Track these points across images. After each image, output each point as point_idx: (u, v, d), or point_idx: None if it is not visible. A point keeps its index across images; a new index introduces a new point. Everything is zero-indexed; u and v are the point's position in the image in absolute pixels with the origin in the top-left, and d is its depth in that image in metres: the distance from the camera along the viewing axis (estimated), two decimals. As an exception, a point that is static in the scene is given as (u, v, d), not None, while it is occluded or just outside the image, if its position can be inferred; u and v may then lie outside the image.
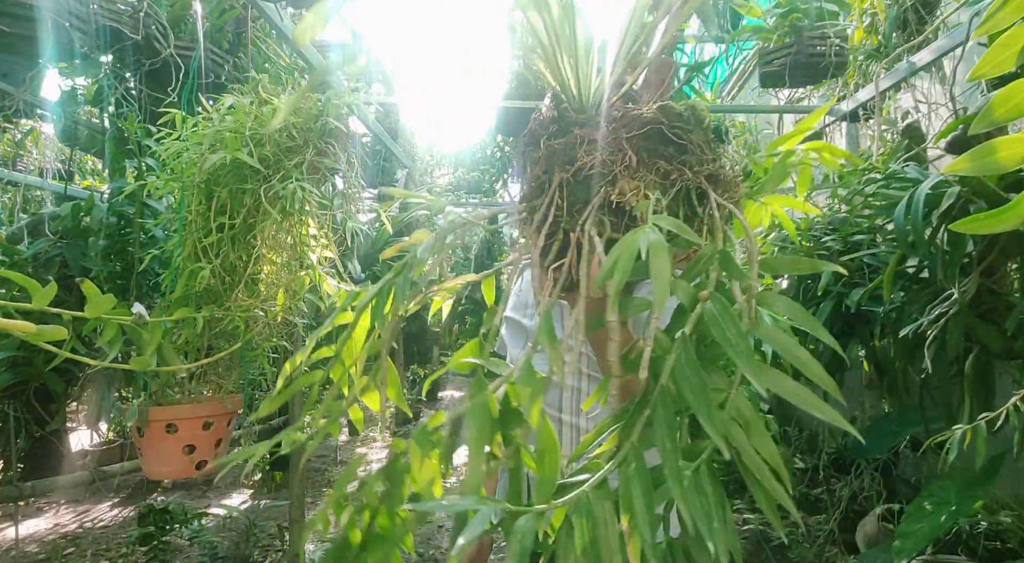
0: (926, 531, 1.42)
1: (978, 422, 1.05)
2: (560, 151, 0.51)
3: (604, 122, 0.51)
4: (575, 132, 0.51)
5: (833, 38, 2.45)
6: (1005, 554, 1.86)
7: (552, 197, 0.50)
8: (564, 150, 0.51)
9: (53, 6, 1.42)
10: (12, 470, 1.89)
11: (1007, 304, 1.19)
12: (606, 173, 0.49)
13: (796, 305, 0.41)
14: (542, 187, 0.52)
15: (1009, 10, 0.44)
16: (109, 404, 1.71)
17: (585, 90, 0.53)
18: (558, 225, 0.50)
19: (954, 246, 1.16)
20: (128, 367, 1.09)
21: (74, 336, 0.97)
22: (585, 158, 0.49)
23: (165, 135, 1.31)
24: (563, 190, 0.50)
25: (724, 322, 0.39)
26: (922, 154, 1.95)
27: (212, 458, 1.41)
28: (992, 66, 0.45)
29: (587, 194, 0.49)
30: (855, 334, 1.91)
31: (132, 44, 1.67)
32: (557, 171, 0.50)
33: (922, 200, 1.17)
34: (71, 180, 2.88)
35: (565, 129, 0.52)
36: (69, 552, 2.82)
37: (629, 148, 0.49)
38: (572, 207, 0.50)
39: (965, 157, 0.44)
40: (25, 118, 2.60)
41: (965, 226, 0.45)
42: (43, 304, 0.89)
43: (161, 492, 3.57)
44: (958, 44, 1.87)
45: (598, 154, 0.49)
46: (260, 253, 1.27)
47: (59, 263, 1.65)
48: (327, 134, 1.27)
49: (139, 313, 1.08)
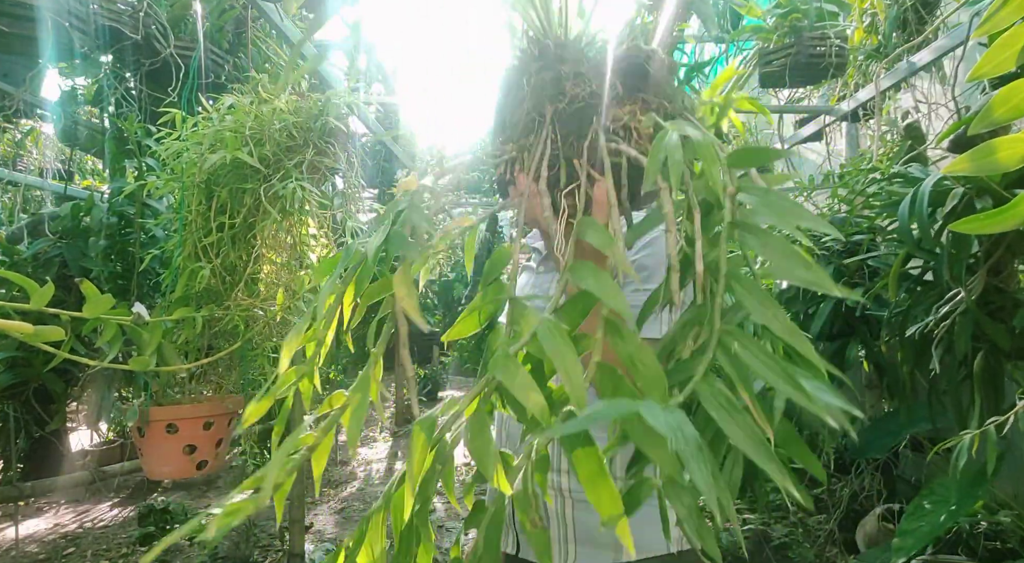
0: (926, 530, 1.42)
1: (987, 426, 1.04)
2: (549, 84, 0.52)
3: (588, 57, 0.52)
4: (560, 67, 0.52)
5: (833, 38, 2.45)
6: (1005, 554, 1.86)
7: (548, 130, 0.51)
8: (552, 83, 0.52)
9: (53, 6, 1.42)
10: (12, 470, 1.89)
11: (1015, 302, 1.19)
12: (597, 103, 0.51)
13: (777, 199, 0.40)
14: (531, 124, 0.52)
15: (1009, 10, 0.44)
16: (109, 404, 1.71)
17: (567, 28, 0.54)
18: (557, 157, 0.52)
19: (959, 244, 1.16)
20: (128, 367, 1.09)
21: (73, 336, 0.97)
22: (575, 90, 0.51)
23: (165, 135, 1.31)
24: (555, 123, 0.51)
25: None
26: (924, 154, 1.95)
27: (213, 458, 1.41)
28: (992, 66, 0.45)
29: (579, 125, 0.51)
30: (855, 334, 1.91)
31: (132, 44, 1.67)
32: (548, 105, 0.51)
33: (926, 197, 1.17)
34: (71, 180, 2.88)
35: (549, 65, 0.53)
36: (69, 552, 2.81)
37: (616, 79, 0.51)
38: (567, 138, 0.51)
39: (965, 157, 0.44)
40: (25, 118, 2.60)
41: (966, 226, 0.45)
42: (41, 304, 0.89)
43: (161, 492, 3.57)
44: (958, 44, 1.87)
45: (587, 86, 0.51)
46: (260, 253, 1.27)
47: (59, 263, 1.65)
48: (327, 134, 1.27)
49: (139, 313, 1.08)
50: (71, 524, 3.19)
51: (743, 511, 3.07)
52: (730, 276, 0.39)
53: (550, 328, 0.39)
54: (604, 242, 0.43)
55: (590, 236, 0.44)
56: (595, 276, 0.41)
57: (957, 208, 1.14)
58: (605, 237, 0.43)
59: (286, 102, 1.25)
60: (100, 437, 3.54)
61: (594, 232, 0.44)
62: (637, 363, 0.38)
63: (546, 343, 0.38)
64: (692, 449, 0.31)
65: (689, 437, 0.31)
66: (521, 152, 0.53)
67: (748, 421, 0.33)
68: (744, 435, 0.32)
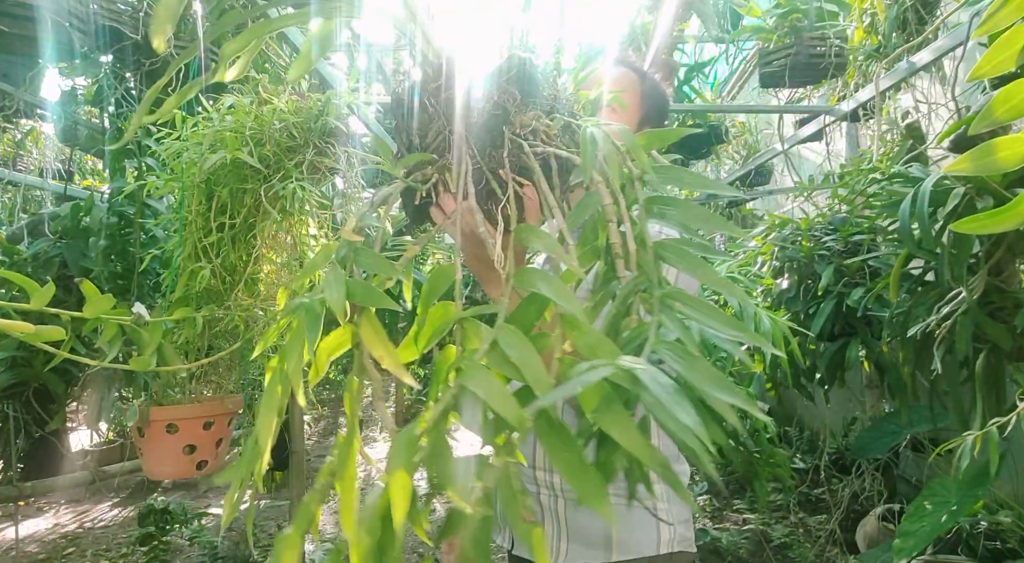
0: (927, 530, 1.42)
1: (989, 427, 1.04)
2: (455, 101, 0.52)
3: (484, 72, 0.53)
4: (459, 83, 0.52)
5: (833, 38, 2.45)
6: (1005, 554, 1.86)
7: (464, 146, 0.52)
8: (459, 98, 0.52)
9: (53, 6, 1.42)
10: (12, 470, 1.89)
11: (1016, 302, 1.19)
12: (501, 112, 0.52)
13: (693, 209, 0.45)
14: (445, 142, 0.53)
15: (1009, 10, 0.44)
16: (109, 404, 1.71)
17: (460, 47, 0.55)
18: (479, 171, 0.52)
19: (960, 244, 1.16)
20: (128, 367, 1.09)
21: (73, 336, 0.97)
22: (479, 104, 0.52)
23: (165, 135, 1.31)
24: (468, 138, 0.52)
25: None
26: (924, 154, 1.95)
27: (213, 458, 1.41)
28: (992, 66, 0.45)
29: (491, 136, 0.52)
30: (856, 334, 1.91)
31: (132, 44, 1.67)
32: (458, 121, 0.52)
33: (927, 197, 1.17)
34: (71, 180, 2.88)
35: (449, 83, 0.53)
36: (69, 552, 2.81)
37: (513, 87, 0.53)
38: (483, 151, 0.52)
39: (965, 157, 0.44)
40: (25, 118, 2.60)
41: (967, 226, 0.45)
42: (41, 304, 0.89)
43: (161, 492, 3.57)
44: (958, 44, 1.87)
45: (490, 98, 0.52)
46: (260, 253, 1.27)
47: (59, 263, 1.65)
48: (327, 134, 1.27)
49: (139, 313, 1.08)
50: (71, 524, 3.19)
51: (743, 511, 3.07)
52: (657, 246, 0.43)
53: (509, 333, 0.40)
54: (550, 245, 0.44)
55: (532, 242, 0.46)
56: (542, 279, 0.42)
57: (958, 208, 1.14)
58: (550, 240, 0.45)
59: (286, 102, 1.25)
60: (100, 437, 3.54)
61: (536, 237, 0.46)
62: (597, 351, 0.39)
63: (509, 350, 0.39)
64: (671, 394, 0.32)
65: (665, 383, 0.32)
66: (442, 172, 0.53)
67: (706, 366, 0.35)
68: (708, 378, 0.34)
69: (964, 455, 1.08)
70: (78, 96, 2.35)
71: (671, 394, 0.32)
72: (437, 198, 0.54)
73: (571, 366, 0.39)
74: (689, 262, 0.42)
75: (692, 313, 0.39)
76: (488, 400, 0.37)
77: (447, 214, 0.53)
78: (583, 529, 0.87)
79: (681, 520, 0.88)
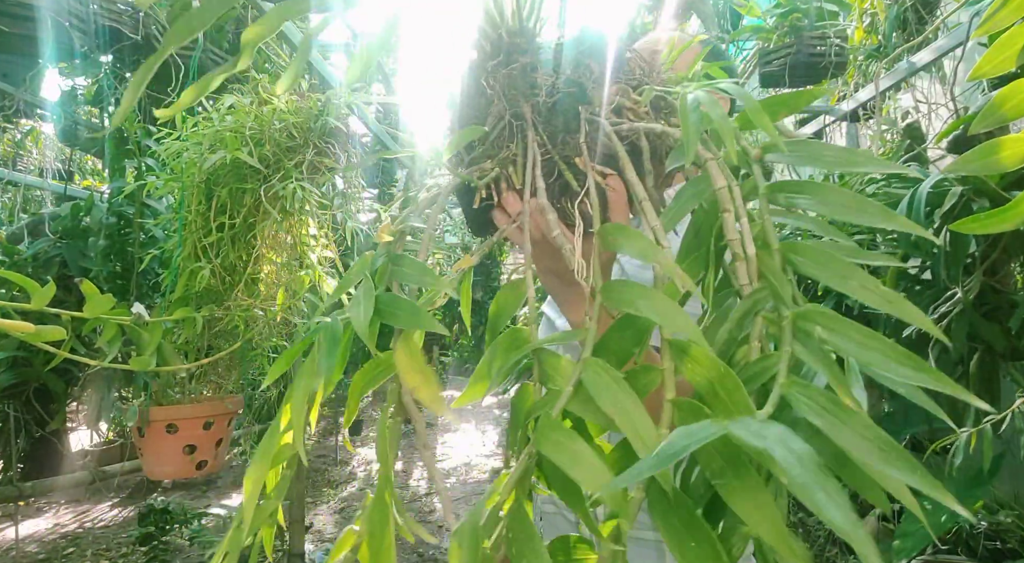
0: (926, 531, 1.42)
1: (984, 425, 1.05)
2: (519, 79, 0.44)
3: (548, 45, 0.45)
4: (523, 59, 0.44)
5: (833, 38, 2.44)
6: (1005, 554, 1.86)
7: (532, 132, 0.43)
8: (522, 77, 0.44)
9: (53, 6, 1.42)
10: (12, 470, 1.89)
11: (1011, 303, 1.19)
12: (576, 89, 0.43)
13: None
14: (508, 129, 0.44)
15: (1009, 10, 0.44)
16: (109, 404, 1.71)
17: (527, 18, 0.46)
18: (551, 162, 0.43)
19: (956, 245, 1.16)
20: (128, 367, 1.09)
21: (73, 336, 0.97)
22: (549, 80, 0.44)
23: (165, 135, 1.31)
24: (536, 124, 0.43)
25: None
26: (923, 154, 1.95)
27: (212, 458, 1.41)
28: (992, 66, 0.45)
29: (565, 118, 0.43)
30: (855, 334, 1.91)
31: (132, 44, 1.67)
32: (523, 102, 0.43)
33: (924, 198, 1.17)
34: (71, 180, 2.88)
35: (509, 59, 0.44)
36: (69, 552, 2.81)
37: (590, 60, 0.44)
38: (554, 138, 0.43)
39: (966, 157, 0.44)
40: (25, 118, 2.60)
41: (965, 226, 0.45)
42: (42, 304, 0.89)
43: (161, 492, 3.57)
44: (958, 44, 1.87)
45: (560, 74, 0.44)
46: (260, 253, 1.27)
47: (59, 263, 1.65)
48: (327, 134, 1.27)
49: (139, 313, 1.08)
50: (71, 524, 3.19)
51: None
52: (785, 248, 0.31)
53: (597, 371, 0.31)
54: (645, 250, 0.34)
55: (624, 245, 0.35)
56: (643, 295, 0.32)
57: (955, 208, 1.14)
58: (644, 244, 0.34)
59: (286, 102, 1.25)
60: (100, 437, 3.54)
61: (627, 239, 0.35)
62: (719, 390, 0.29)
63: (597, 392, 0.30)
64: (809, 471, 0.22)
65: (803, 454, 0.22)
66: (505, 166, 0.44)
67: (866, 422, 0.25)
68: (866, 443, 0.24)
69: (957, 453, 1.08)
70: (78, 96, 2.35)
71: (809, 471, 0.22)
72: (499, 198, 0.45)
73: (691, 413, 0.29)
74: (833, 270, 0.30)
75: (843, 343, 0.27)
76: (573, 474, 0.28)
77: (512, 216, 0.44)
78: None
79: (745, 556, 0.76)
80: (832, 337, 0.27)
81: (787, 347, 0.29)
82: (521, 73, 0.44)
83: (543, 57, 0.44)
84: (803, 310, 0.29)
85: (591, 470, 0.27)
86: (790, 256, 0.31)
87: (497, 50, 0.44)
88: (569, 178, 0.43)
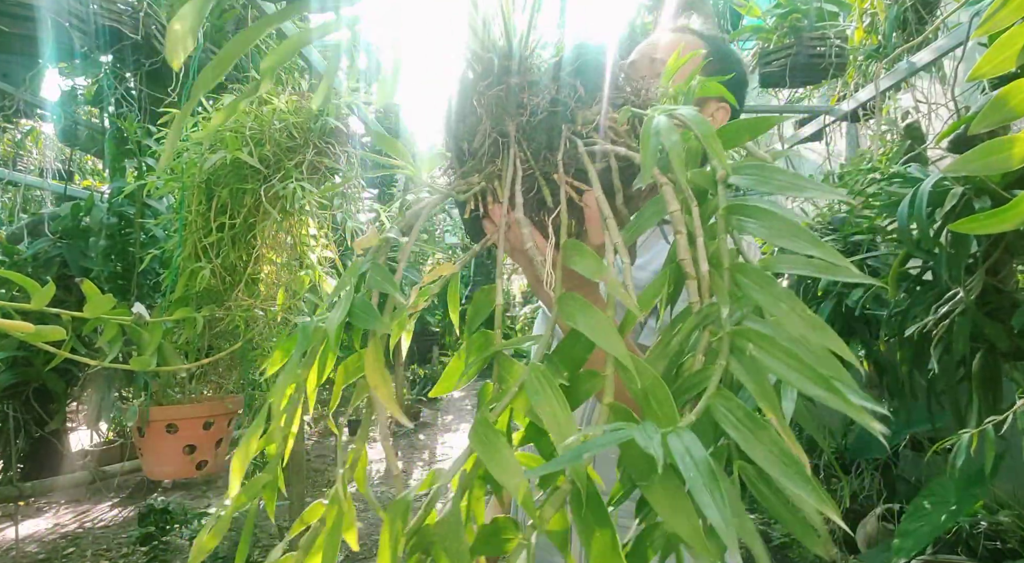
0: (926, 530, 1.43)
1: (986, 425, 1.04)
2: (505, 99, 0.46)
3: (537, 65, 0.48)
4: (511, 80, 0.47)
5: (833, 38, 2.45)
6: (1005, 554, 1.86)
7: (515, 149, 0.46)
8: (510, 97, 0.46)
9: (53, 6, 1.42)
10: (12, 470, 1.89)
11: (1013, 302, 1.19)
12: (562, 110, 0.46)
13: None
14: (495, 146, 0.47)
15: (1009, 10, 0.44)
16: (109, 404, 1.71)
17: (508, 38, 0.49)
18: (532, 177, 0.47)
19: (958, 244, 1.16)
20: (128, 367, 1.09)
21: (74, 336, 0.97)
22: (534, 100, 0.46)
23: (165, 135, 1.31)
24: (521, 141, 0.46)
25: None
26: (923, 154, 1.95)
27: (212, 458, 1.41)
28: (992, 66, 0.45)
29: (548, 137, 0.46)
30: (855, 334, 1.91)
31: (132, 44, 1.67)
32: (509, 121, 0.46)
33: (925, 197, 1.17)
34: (71, 180, 2.88)
35: (498, 80, 0.47)
36: (69, 552, 2.81)
37: (575, 80, 0.47)
38: (537, 154, 0.46)
39: (966, 157, 0.44)
40: (25, 118, 2.60)
41: (966, 226, 0.45)
42: (42, 304, 0.89)
43: (161, 492, 3.57)
44: (958, 44, 1.87)
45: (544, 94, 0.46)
46: (260, 253, 1.27)
47: (59, 263, 1.65)
48: (327, 134, 1.27)
49: (139, 313, 1.08)
50: (71, 524, 3.19)
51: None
52: (734, 269, 0.34)
53: (538, 377, 0.34)
54: (593, 268, 0.38)
55: (576, 262, 0.39)
56: (584, 313, 0.36)
57: (956, 208, 1.14)
58: (593, 262, 0.38)
59: (286, 102, 1.25)
60: (100, 437, 3.54)
61: (581, 257, 0.39)
62: (651, 398, 0.32)
63: (535, 398, 0.33)
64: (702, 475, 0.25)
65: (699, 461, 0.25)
66: (490, 180, 0.48)
67: (774, 438, 0.27)
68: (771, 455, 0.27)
69: (960, 453, 1.08)
70: (78, 96, 2.35)
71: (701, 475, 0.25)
72: (486, 209, 0.48)
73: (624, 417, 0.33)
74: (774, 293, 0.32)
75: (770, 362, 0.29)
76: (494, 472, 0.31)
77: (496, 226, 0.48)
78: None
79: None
80: (761, 355, 0.30)
81: (722, 361, 0.31)
82: (508, 93, 0.46)
83: (532, 78, 0.47)
84: (739, 329, 0.31)
85: (510, 470, 0.31)
86: (738, 276, 0.34)
87: (488, 71, 0.47)
88: (546, 194, 0.46)
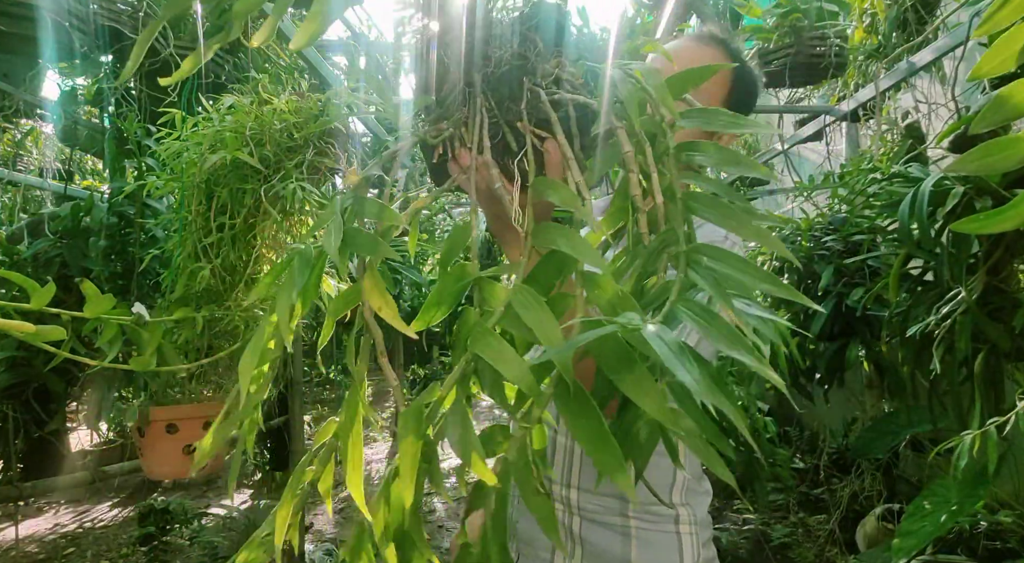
0: (927, 530, 1.42)
1: (988, 427, 1.04)
2: (472, 52, 0.50)
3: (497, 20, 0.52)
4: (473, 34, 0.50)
5: (833, 38, 2.44)
6: (1005, 554, 1.86)
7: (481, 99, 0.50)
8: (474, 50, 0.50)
9: (53, 6, 1.42)
10: (12, 470, 1.89)
11: (1014, 302, 1.19)
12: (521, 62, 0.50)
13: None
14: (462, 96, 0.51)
15: (1009, 10, 0.44)
16: (109, 404, 1.71)
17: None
18: (497, 124, 0.51)
19: (959, 244, 1.16)
20: (128, 367, 1.09)
21: (73, 336, 0.97)
22: (498, 53, 0.50)
23: (165, 135, 1.31)
24: (486, 91, 0.50)
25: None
26: (924, 154, 1.95)
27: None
28: (992, 66, 0.45)
29: (510, 87, 0.50)
30: (856, 334, 1.91)
31: (132, 44, 1.67)
32: (475, 73, 0.50)
33: (926, 197, 1.17)
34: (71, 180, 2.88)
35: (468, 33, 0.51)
36: (69, 552, 2.81)
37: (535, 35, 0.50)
38: (502, 103, 0.50)
39: (966, 156, 0.44)
40: (25, 118, 2.60)
41: (967, 226, 0.45)
42: (42, 304, 0.89)
43: (161, 492, 3.57)
44: (958, 44, 1.87)
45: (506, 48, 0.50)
46: (260, 253, 1.27)
47: (59, 263, 1.65)
48: (327, 134, 1.27)
49: (139, 313, 1.08)
50: (71, 524, 3.19)
51: (743, 511, 3.07)
52: (687, 196, 0.39)
53: (524, 295, 0.38)
54: (568, 198, 0.42)
55: (551, 195, 0.43)
56: (563, 235, 0.40)
57: (957, 208, 1.14)
58: (568, 193, 0.42)
59: (286, 102, 1.25)
60: (100, 437, 3.54)
61: (555, 190, 0.43)
62: (617, 308, 0.36)
63: (523, 312, 0.37)
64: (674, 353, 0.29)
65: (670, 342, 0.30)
66: (458, 127, 0.52)
67: (726, 324, 0.32)
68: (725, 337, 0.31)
69: (962, 454, 1.08)
70: (78, 96, 2.35)
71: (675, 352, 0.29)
72: (453, 153, 0.52)
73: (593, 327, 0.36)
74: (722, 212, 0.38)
75: (721, 268, 0.35)
76: (498, 367, 0.35)
77: (464, 170, 0.51)
78: (599, 551, 0.81)
79: (704, 540, 0.83)
80: (714, 264, 0.36)
81: (681, 273, 0.36)
82: (473, 46, 0.50)
83: (496, 31, 0.51)
84: (694, 245, 0.38)
85: (512, 363, 0.35)
86: (690, 203, 0.40)
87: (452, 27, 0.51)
88: (510, 139, 0.50)
